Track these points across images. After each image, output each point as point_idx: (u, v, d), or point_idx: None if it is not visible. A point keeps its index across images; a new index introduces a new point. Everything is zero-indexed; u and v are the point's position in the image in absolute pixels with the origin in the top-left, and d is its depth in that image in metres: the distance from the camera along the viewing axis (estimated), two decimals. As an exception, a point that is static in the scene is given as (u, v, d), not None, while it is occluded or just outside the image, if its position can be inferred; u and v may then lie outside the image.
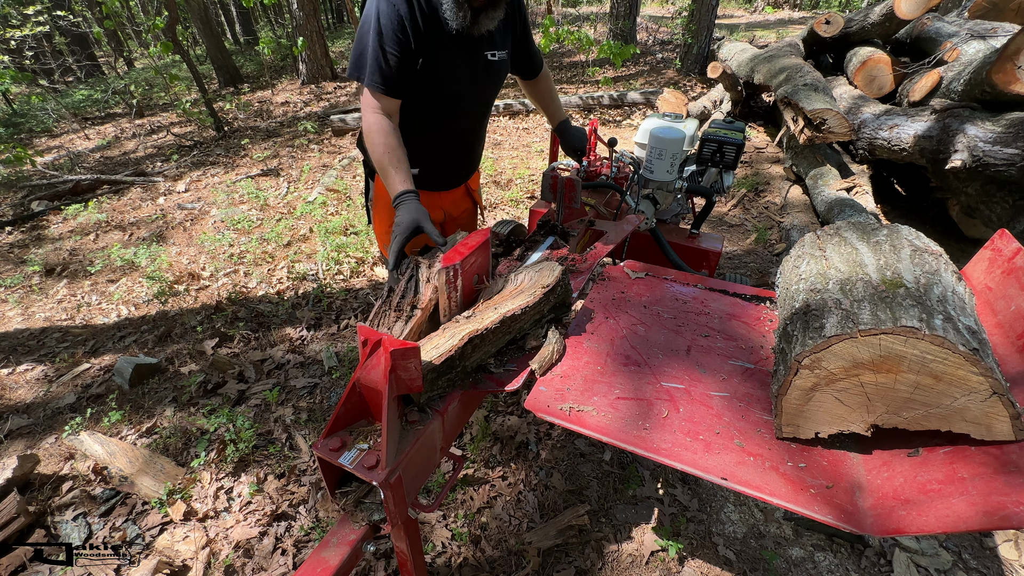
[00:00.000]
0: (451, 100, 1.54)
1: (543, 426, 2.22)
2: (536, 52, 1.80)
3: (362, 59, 1.38)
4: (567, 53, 10.23)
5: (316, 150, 6.02)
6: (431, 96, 1.50)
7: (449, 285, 1.16)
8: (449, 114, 1.58)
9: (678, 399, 1.12)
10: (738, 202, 4.22)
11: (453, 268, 1.15)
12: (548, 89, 1.93)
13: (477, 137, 1.77)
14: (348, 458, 0.93)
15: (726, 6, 16.93)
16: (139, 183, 5.40)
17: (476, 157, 1.83)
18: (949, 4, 5.94)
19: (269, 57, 11.51)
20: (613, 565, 1.72)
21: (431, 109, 1.54)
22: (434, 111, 1.55)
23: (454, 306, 1.20)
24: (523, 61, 1.78)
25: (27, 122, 8.88)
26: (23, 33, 7.97)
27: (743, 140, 2.08)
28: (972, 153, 2.74)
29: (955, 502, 0.80)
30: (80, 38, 12.23)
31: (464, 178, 1.84)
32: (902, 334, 0.84)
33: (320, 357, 2.70)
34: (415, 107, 1.52)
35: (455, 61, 1.46)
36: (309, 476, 2.06)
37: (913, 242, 1.07)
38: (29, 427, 2.39)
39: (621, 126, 6.04)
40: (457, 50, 1.45)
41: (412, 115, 1.53)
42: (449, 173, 1.76)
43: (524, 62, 1.79)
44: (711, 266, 2.07)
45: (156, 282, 3.40)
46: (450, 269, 1.14)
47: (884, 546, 1.75)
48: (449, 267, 1.14)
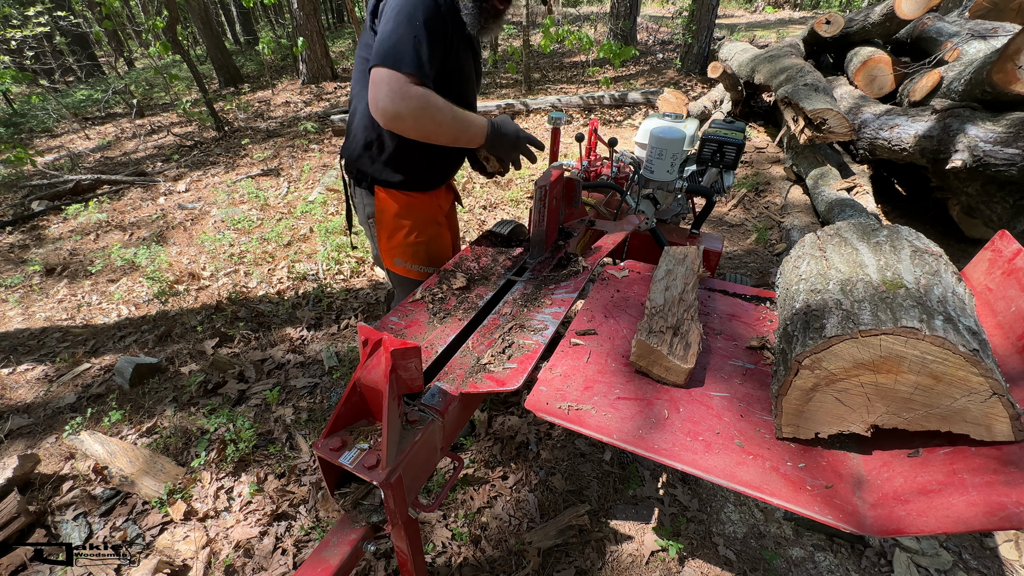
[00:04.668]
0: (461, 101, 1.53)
1: (543, 426, 2.22)
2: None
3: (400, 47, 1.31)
4: (567, 53, 10.23)
5: (316, 150, 6.02)
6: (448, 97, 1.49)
7: (541, 202, 1.54)
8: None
9: (678, 399, 1.12)
10: (738, 202, 4.22)
11: (544, 187, 1.50)
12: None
13: None
14: (348, 458, 0.93)
15: (726, 6, 16.93)
16: (139, 183, 5.40)
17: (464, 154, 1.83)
18: (950, 4, 5.93)
19: (269, 57, 11.50)
20: (613, 565, 1.72)
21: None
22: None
23: (541, 220, 1.58)
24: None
25: (27, 122, 8.89)
26: (24, 33, 7.98)
27: (743, 140, 2.08)
28: (973, 153, 2.74)
29: (955, 502, 0.80)
30: (80, 38, 12.23)
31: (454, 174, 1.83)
32: (902, 335, 0.84)
33: (320, 357, 2.70)
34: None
35: (466, 61, 1.50)
36: (309, 476, 2.06)
37: (913, 243, 1.07)
38: (29, 427, 2.39)
39: (622, 126, 6.04)
40: (469, 52, 1.50)
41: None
42: (447, 171, 1.75)
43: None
44: (711, 266, 2.07)
45: (156, 282, 3.41)
46: (542, 188, 1.50)
47: (884, 546, 1.75)
48: (542, 186, 1.50)
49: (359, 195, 1.69)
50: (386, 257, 1.73)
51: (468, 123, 1.44)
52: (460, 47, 1.44)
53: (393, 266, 1.77)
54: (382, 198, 1.63)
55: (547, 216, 1.58)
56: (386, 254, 1.72)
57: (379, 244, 1.72)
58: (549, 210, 1.58)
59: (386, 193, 1.64)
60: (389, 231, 1.68)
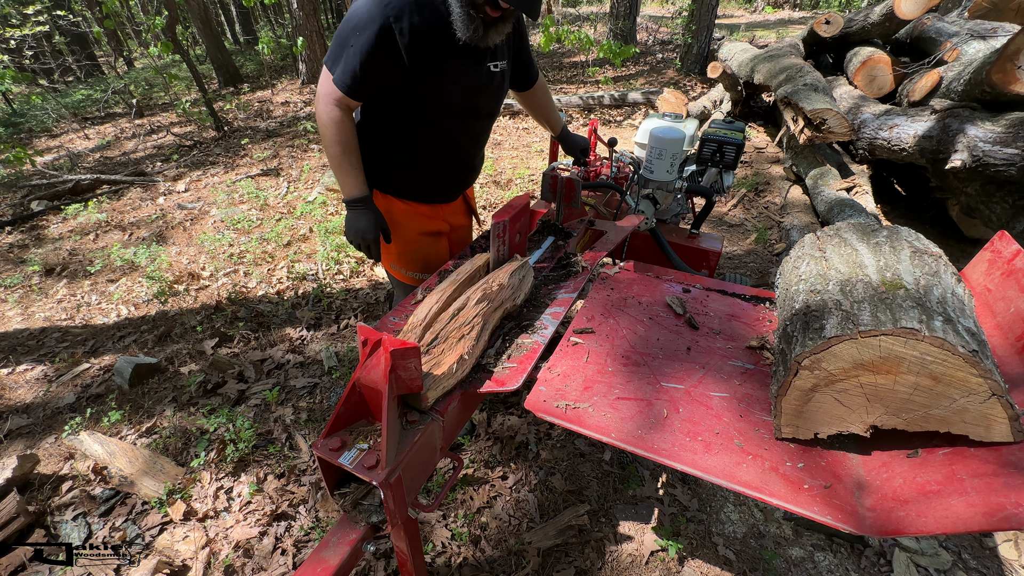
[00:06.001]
0: (456, 112, 1.52)
1: (543, 426, 2.22)
2: (533, 61, 1.78)
3: (340, 53, 1.34)
4: (567, 53, 10.22)
5: (316, 150, 6.02)
6: (436, 108, 1.47)
7: (499, 239, 1.38)
8: (454, 126, 1.55)
9: (678, 399, 1.12)
10: (738, 202, 4.22)
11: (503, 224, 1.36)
12: (546, 99, 1.91)
13: (480, 149, 1.73)
14: (348, 458, 0.93)
15: (726, 6, 16.92)
16: (139, 183, 5.39)
17: (478, 168, 1.79)
18: (949, 4, 5.94)
19: (269, 57, 11.50)
20: (613, 565, 1.72)
21: (436, 121, 1.51)
22: (439, 123, 1.52)
23: (501, 257, 1.42)
24: (520, 71, 1.75)
25: (27, 122, 8.88)
26: (23, 33, 7.97)
27: (743, 140, 2.08)
28: (972, 153, 2.75)
29: (954, 503, 0.80)
30: (80, 38, 12.22)
31: (465, 188, 1.80)
32: (902, 335, 0.84)
33: (320, 357, 2.70)
34: (418, 120, 1.49)
35: (461, 72, 1.44)
36: (309, 476, 2.06)
37: (913, 243, 1.07)
38: (29, 427, 2.39)
39: (622, 126, 6.04)
40: (463, 61, 1.42)
41: (417, 127, 1.51)
42: (453, 185, 1.73)
43: (521, 72, 1.76)
44: (711, 266, 2.08)
45: (156, 282, 3.40)
46: (500, 224, 1.36)
47: (884, 546, 1.75)
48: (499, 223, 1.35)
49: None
50: (383, 259, 1.75)
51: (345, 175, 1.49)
52: (446, 58, 1.39)
53: (390, 268, 1.79)
54: (380, 203, 1.64)
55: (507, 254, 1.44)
56: (383, 256, 1.74)
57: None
58: (510, 247, 1.44)
59: (384, 198, 1.64)
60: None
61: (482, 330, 1.16)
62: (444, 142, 1.58)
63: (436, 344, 1.11)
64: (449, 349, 1.10)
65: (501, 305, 1.25)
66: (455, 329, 1.14)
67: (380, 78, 1.37)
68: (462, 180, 1.75)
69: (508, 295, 1.28)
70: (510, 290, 1.29)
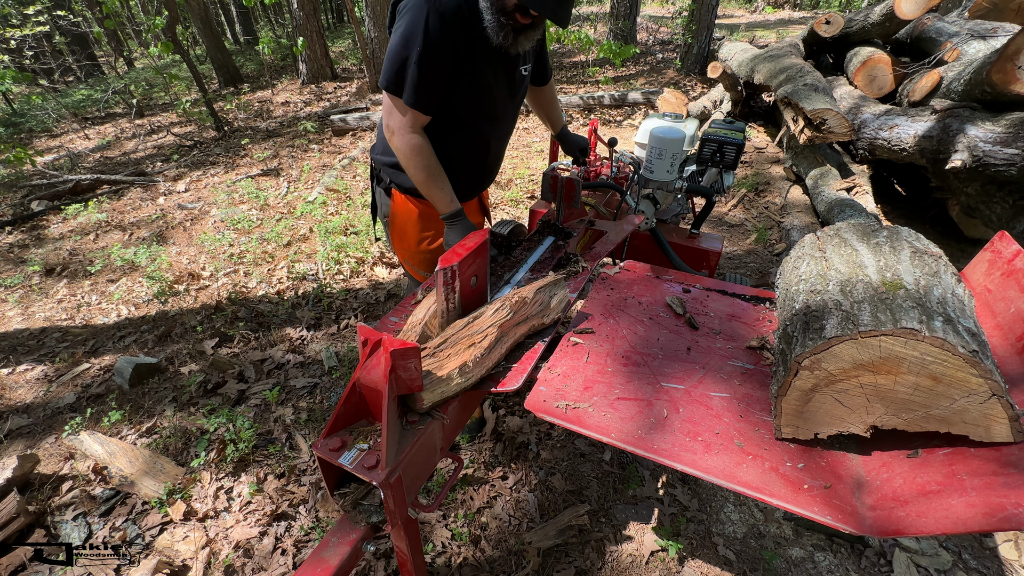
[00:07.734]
0: (490, 116, 1.55)
1: (543, 426, 2.22)
2: (548, 60, 1.83)
3: (402, 72, 1.33)
4: (567, 53, 10.22)
5: (316, 150, 6.02)
6: (472, 111, 1.50)
7: (447, 287, 1.12)
8: (486, 129, 1.58)
9: (678, 399, 1.12)
10: (738, 202, 4.22)
11: (451, 269, 1.09)
12: (552, 96, 1.95)
13: (503, 150, 1.78)
14: (348, 458, 0.93)
15: (726, 6, 16.92)
16: (139, 183, 5.40)
17: (497, 169, 1.83)
18: (949, 4, 5.93)
19: (269, 57, 11.51)
20: (613, 565, 1.72)
21: (470, 124, 1.53)
22: (473, 126, 1.54)
23: (452, 308, 1.17)
24: (538, 69, 1.80)
25: (27, 122, 8.88)
26: (23, 33, 7.98)
27: (743, 140, 2.08)
28: (972, 153, 2.74)
29: (954, 503, 0.80)
30: (80, 38, 12.23)
31: (483, 189, 1.84)
32: (902, 336, 0.84)
33: (320, 357, 2.70)
34: (454, 122, 1.51)
35: (496, 76, 1.47)
36: (309, 476, 2.06)
37: (913, 244, 1.07)
38: (29, 427, 2.39)
39: (622, 126, 6.04)
40: (498, 65, 1.46)
41: (449, 130, 1.52)
42: (473, 185, 1.75)
43: (539, 70, 1.81)
44: (711, 266, 2.07)
45: (156, 282, 3.40)
46: (447, 270, 1.09)
47: (884, 546, 1.75)
48: (447, 268, 1.09)
49: (379, 193, 1.75)
50: (398, 256, 1.82)
51: (435, 196, 1.48)
52: (485, 64, 1.42)
53: (405, 266, 1.85)
54: (398, 202, 1.68)
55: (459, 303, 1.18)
56: (398, 254, 1.82)
57: (392, 243, 1.80)
58: (463, 295, 1.18)
59: (403, 198, 1.67)
60: (400, 234, 1.74)
61: (497, 341, 1.11)
62: (476, 144, 1.61)
63: (443, 348, 1.09)
64: (456, 355, 1.06)
65: (526, 320, 1.20)
66: (466, 336, 1.10)
67: (442, 84, 1.38)
68: (484, 181, 1.79)
69: (535, 311, 1.22)
70: (537, 306, 1.22)
